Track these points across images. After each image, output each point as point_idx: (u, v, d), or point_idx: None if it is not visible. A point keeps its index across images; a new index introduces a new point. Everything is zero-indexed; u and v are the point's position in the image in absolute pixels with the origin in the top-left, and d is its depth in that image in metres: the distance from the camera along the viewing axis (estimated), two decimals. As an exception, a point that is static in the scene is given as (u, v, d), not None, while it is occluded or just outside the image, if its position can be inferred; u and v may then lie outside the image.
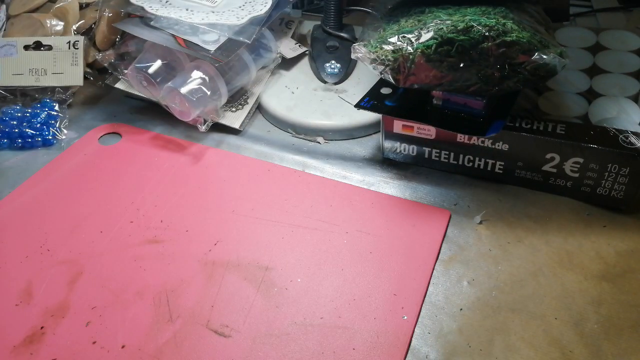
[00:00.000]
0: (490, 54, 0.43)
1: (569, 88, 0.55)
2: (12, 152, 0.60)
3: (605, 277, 0.43)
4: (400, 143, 0.54)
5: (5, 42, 0.64)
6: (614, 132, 0.47)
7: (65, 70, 0.64)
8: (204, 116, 0.59)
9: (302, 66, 0.69)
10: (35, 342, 0.40)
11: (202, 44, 0.58)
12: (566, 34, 0.63)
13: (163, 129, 0.62)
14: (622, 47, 0.61)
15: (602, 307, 0.41)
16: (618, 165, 0.46)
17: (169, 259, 0.46)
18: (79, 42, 0.64)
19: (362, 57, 0.48)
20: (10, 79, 0.64)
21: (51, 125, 0.61)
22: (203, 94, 0.58)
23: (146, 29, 0.61)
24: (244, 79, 0.63)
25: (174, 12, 0.61)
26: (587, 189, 0.49)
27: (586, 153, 0.46)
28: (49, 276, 0.45)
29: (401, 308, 0.41)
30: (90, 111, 0.65)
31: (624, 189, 0.47)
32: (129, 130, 0.61)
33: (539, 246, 0.46)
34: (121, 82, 0.64)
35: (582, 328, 0.40)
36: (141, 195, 0.52)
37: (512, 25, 0.44)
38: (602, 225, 0.48)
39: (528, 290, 0.42)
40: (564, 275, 0.43)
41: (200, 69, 0.59)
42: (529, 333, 0.39)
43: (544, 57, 0.43)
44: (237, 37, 0.59)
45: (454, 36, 0.44)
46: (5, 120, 0.61)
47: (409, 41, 0.45)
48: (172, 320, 0.41)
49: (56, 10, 0.67)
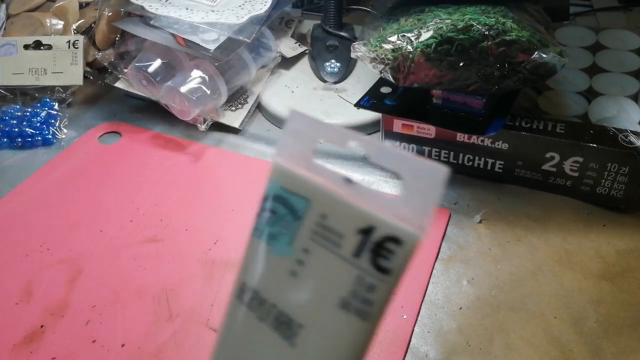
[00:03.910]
0: (489, 53, 0.43)
1: (569, 87, 0.55)
2: (12, 152, 0.60)
3: (605, 276, 0.43)
4: (400, 142, 0.54)
5: (5, 41, 0.64)
6: (613, 131, 0.47)
7: (65, 69, 0.64)
8: (204, 115, 0.59)
9: (302, 65, 0.69)
10: (34, 340, 0.40)
11: (201, 43, 0.58)
12: (566, 33, 0.63)
13: (163, 128, 0.62)
14: (622, 47, 0.61)
15: (601, 306, 0.41)
16: (618, 164, 0.46)
17: (169, 258, 0.46)
18: (79, 41, 0.64)
19: (362, 56, 0.48)
20: (10, 78, 0.64)
21: (51, 124, 0.61)
22: (203, 93, 0.58)
23: (146, 28, 0.61)
24: (244, 78, 0.63)
25: (173, 11, 0.61)
26: (587, 188, 0.49)
27: (586, 152, 0.46)
28: (49, 275, 0.45)
29: (400, 307, 0.41)
30: (90, 110, 0.65)
31: (624, 188, 0.47)
32: (128, 130, 0.61)
33: (538, 245, 0.46)
34: (121, 81, 0.64)
35: (581, 327, 0.40)
36: (141, 194, 0.52)
37: (512, 24, 0.44)
38: (602, 225, 0.48)
39: (527, 289, 0.42)
40: (563, 274, 0.43)
41: (200, 68, 0.59)
42: (528, 332, 0.39)
43: (543, 56, 0.43)
44: (237, 36, 0.59)
45: (454, 35, 0.44)
46: (5, 120, 0.61)
47: (408, 40, 0.45)
48: (172, 319, 0.41)
49: (56, 10, 0.67)
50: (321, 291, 0.16)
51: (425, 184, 0.15)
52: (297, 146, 0.18)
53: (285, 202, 0.18)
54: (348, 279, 0.16)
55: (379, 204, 0.16)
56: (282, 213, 0.18)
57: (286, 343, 0.16)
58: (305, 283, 0.16)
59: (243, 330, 0.17)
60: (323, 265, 0.16)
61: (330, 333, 0.15)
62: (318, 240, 0.17)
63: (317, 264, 0.16)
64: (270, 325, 0.17)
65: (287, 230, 0.17)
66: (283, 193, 0.18)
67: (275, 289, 0.17)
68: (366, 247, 0.16)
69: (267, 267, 0.18)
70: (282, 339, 0.16)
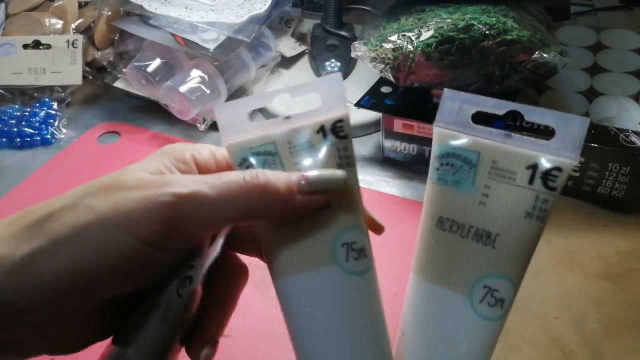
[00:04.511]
0: (490, 53, 0.43)
1: (570, 87, 0.55)
2: (11, 151, 0.60)
3: (606, 277, 0.43)
4: (400, 142, 0.54)
5: (4, 40, 0.64)
6: (614, 131, 0.47)
7: (64, 69, 0.64)
8: (203, 115, 0.59)
9: (301, 65, 0.69)
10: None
11: (201, 43, 0.58)
12: (567, 32, 0.63)
13: (162, 128, 0.61)
14: (623, 46, 0.60)
15: (602, 306, 0.41)
16: (619, 164, 0.46)
17: (168, 259, 0.45)
18: (78, 40, 0.64)
19: (362, 56, 0.48)
20: (8, 78, 0.64)
21: (50, 124, 0.61)
22: (202, 92, 0.57)
23: (145, 28, 0.61)
24: (244, 78, 0.63)
25: (173, 10, 0.61)
26: (588, 188, 0.48)
27: (587, 152, 0.46)
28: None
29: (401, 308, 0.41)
30: (89, 110, 0.65)
31: (625, 188, 0.47)
32: (128, 129, 0.61)
33: (539, 246, 0.45)
34: (120, 80, 0.64)
35: (582, 327, 0.39)
36: (140, 194, 0.52)
37: (513, 24, 0.44)
38: (603, 225, 0.47)
39: (528, 290, 0.42)
40: (564, 275, 0.43)
41: (199, 67, 0.59)
42: (529, 333, 0.39)
43: (544, 56, 0.43)
44: (237, 35, 0.59)
45: (455, 34, 0.43)
46: (4, 120, 0.61)
47: (409, 39, 0.45)
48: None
49: (55, 9, 0.67)
50: (510, 209, 0.23)
51: (569, 128, 0.23)
52: (457, 116, 0.25)
53: (459, 156, 0.24)
54: (529, 198, 0.23)
55: (537, 147, 0.23)
56: (459, 165, 0.24)
57: (489, 247, 0.23)
58: (494, 207, 0.24)
59: (446, 245, 0.24)
60: (505, 193, 0.24)
61: (520, 235, 0.23)
62: (495, 178, 0.24)
63: (500, 193, 0.24)
64: (472, 238, 0.24)
65: (467, 176, 0.24)
66: (455, 151, 0.24)
67: (470, 215, 0.24)
68: (536, 176, 0.23)
69: (458, 203, 0.24)
70: (484, 245, 0.24)
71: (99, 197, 0.21)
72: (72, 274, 0.20)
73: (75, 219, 0.21)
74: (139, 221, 0.20)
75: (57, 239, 0.20)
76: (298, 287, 0.24)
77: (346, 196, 0.24)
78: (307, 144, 0.25)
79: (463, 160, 0.24)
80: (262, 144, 0.25)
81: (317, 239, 0.24)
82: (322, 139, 0.25)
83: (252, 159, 0.25)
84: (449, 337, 0.24)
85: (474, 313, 0.24)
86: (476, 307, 0.24)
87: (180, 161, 0.24)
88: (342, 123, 0.25)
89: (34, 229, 0.21)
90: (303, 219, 0.24)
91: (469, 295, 0.24)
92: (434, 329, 0.25)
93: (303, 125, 0.25)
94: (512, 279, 0.24)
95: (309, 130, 0.25)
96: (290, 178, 0.23)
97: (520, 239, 0.23)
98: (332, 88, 0.25)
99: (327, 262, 0.24)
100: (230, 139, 0.25)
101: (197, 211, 0.21)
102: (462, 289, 0.24)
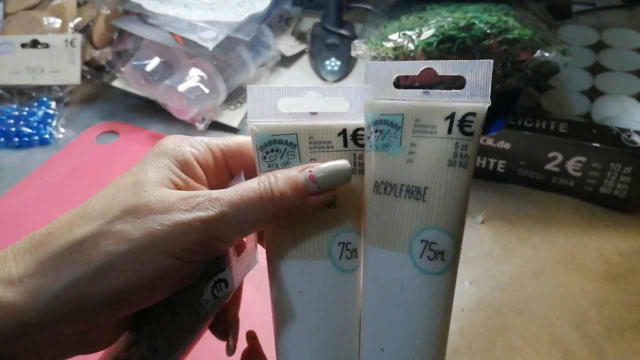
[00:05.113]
0: (491, 52, 0.43)
1: (572, 86, 0.55)
2: (9, 151, 0.59)
3: (608, 277, 0.43)
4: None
5: (2, 40, 0.64)
6: (616, 130, 0.46)
7: (62, 68, 0.63)
8: (202, 114, 0.59)
9: (301, 64, 0.68)
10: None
11: (200, 42, 0.58)
12: (568, 31, 0.63)
13: (161, 128, 0.61)
14: (625, 45, 0.60)
15: (604, 307, 0.41)
16: (621, 164, 0.45)
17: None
18: (76, 40, 0.63)
19: (363, 55, 0.47)
20: (7, 77, 0.63)
21: (48, 123, 0.61)
22: (201, 92, 0.57)
23: (144, 27, 0.60)
24: (243, 77, 0.63)
25: (171, 9, 0.61)
26: (590, 189, 0.48)
27: (589, 152, 0.46)
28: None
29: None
30: (88, 109, 0.65)
31: (627, 188, 0.46)
32: (126, 129, 0.61)
33: (541, 246, 0.46)
34: (119, 80, 0.63)
35: (584, 328, 0.39)
36: (139, 194, 0.52)
37: (514, 23, 0.43)
38: (605, 225, 0.47)
39: (530, 291, 0.42)
40: (566, 276, 0.43)
41: (198, 66, 0.58)
42: (530, 334, 0.39)
43: (546, 55, 0.42)
44: (236, 34, 0.58)
45: (456, 33, 0.43)
46: (2, 119, 0.60)
47: (409, 38, 0.45)
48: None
49: (53, 8, 0.67)
50: (433, 161, 0.24)
51: (476, 74, 0.25)
52: (379, 85, 0.26)
53: (386, 122, 0.26)
54: (449, 147, 0.24)
55: (452, 98, 0.25)
56: (386, 130, 0.26)
57: (419, 201, 0.24)
58: (420, 162, 0.25)
59: (383, 207, 0.25)
60: (428, 146, 0.25)
61: (446, 184, 0.24)
62: (419, 135, 0.25)
63: (424, 148, 0.25)
64: (404, 196, 0.25)
65: (394, 138, 0.25)
66: (381, 117, 0.26)
67: (400, 174, 0.25)
68: (454, 125, 0.24)
69: (389, 165, 0.25)
70: (415, 200, 0.24)
71: (131, 223, 0.23)
72: (118, 296, 0.22)
73: (113, 246, 0.22)
74: (176, 243, 0.23)
75: (99, 267, 0.22)
76: (291, 272, 0.26)
77: (353, 199, 0.26)
78: (327, 143, 0.26)
79: (390, 125, 0.25)
80: (286, 133, 0.26)
81: (318, 234, 0.26)
82: (341, 142, 0.26)
83: (273, 146, 0.26)
84: (398, 298, 0.25)
85: (416, 269, 0.24)
86: (417, 262, 0.24)
87: (183, 163, 0.26)
88: (362, 131, 0.26)
89: (68, 256, 0.23)
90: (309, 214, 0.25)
91: (408, 252, 0.24)
92: (385, 292, 0.25)
93: (327, 125, 0.26)
94: (448, 230, 0.24)
95: (331, 131, 0.26)
96: (299, 181, 0.24)
97: (447, 188, 0.24)
98: (361, 97, 0.27)
99: (322, 256, 0.26)
100: (257, 120, 0.26)
101: (225, 230, 0.23)
102: (402, 247, 0.25)
